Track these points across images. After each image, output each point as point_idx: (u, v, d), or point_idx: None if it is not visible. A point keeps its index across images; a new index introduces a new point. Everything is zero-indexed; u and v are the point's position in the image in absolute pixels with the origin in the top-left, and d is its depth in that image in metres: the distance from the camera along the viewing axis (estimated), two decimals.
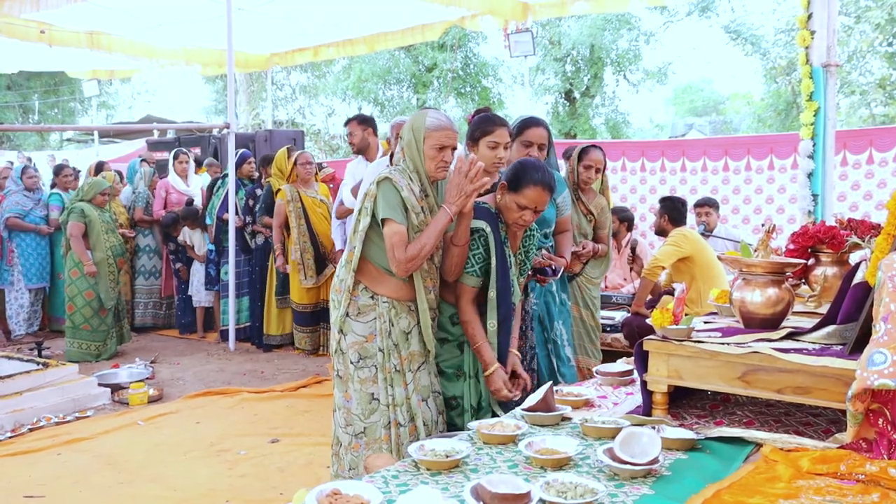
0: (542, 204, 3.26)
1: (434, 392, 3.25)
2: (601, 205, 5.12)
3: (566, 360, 4.47)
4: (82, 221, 7.25)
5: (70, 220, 7.27)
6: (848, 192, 7.99)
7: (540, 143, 4.07)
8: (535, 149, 4.04)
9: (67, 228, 7.28)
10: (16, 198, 8.25)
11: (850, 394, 2.11)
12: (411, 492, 1.93)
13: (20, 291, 8.26)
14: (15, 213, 8.15)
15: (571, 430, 2.56)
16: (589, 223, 5.05)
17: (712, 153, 9.04)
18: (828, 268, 3.41)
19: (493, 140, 3.56)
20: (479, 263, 3.22)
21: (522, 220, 3.29)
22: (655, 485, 2.09)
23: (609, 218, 5.21)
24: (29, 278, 8.19)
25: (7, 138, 24.98)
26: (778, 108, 20.22)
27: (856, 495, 1.93)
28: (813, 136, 5.54)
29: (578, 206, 5.00)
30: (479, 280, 3.24)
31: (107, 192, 7.53)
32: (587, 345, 5.03)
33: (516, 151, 4.02)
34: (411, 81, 21.97)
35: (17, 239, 8.22)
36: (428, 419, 3.17)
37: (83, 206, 7.28)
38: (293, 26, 9.83)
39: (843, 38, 17.46)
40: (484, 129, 3.60)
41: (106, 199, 7.51)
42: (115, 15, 9.05)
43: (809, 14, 5.49)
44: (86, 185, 7.52)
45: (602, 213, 5.11)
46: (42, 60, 11.65)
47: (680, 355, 2.61)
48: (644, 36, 21.07)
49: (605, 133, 21.35)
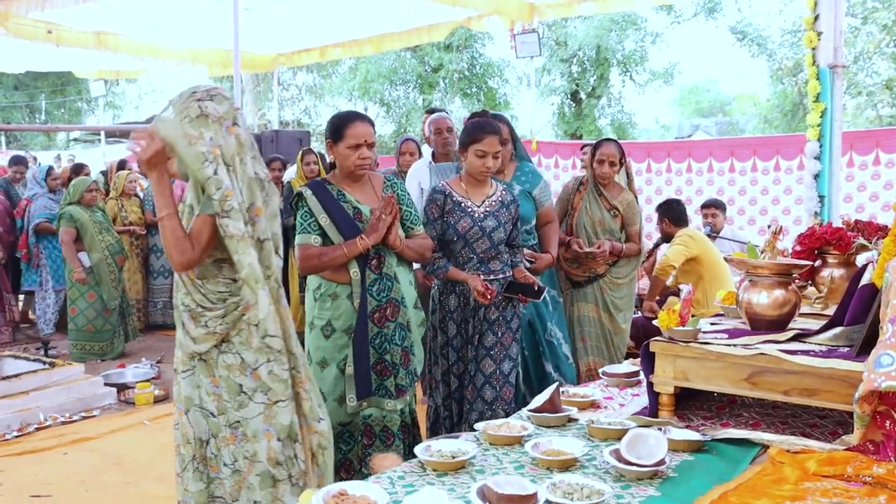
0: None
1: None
2: (627, 200, 4.91)
3: (565, 359, 4.46)
4: (73, 226, 7.18)
5: (61, 226, 7.22)
6: (854, 193, 7.97)
7: (503, 139, 4.07)
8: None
9: (59, 235, 7.26)
10: (42, 201, 8.21)
11: (857, 396, 2.10)
12: (417, 492, 1.93)
13: (48, 292, 8.29)
14: (44, 217, 8.11)
15: (578, 432, 2.56)
16: (614, 219, 4.86)
17: (718, 154, 9.03)
18: (835, 269, 3.40)
19: (481, 149, 3.63)
20: (306, 221, 3.31)
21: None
22: (662, 486, 2.09)
23: (638, 213, 4.97)
24: (57, 279, 8.20)
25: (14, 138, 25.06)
26: (784, 109, 20.20)
27: (863, 497, 1.93)
28: (819, 137, 5.54)
29: (601, 202, 4.87)
30: (314, 237, 3.30)
31: (93, 189, 7.46)
32: (603, 347, 4.87)
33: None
34: (417, 82, 21.99)
35: (44, 241, 8.23)
36: None
37: (72, 210, 7.21)
38: (299, 27, 9.84)
39: (850, 39, 17.42)
40: (474, 136, 3.66)
41: (94, 195, 7.43)
42: (121, 15, 9.07)
43: (816, 15, 5.48)
44: (71, 187, 7.49)
45: (629, 209, 4.89)
46: (49, 60, 11.69)
47: (686, 357, 2.61)
48: (650, 37, 21.07)
49: (611, 134, 21.27)
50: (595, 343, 4.86)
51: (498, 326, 3.76)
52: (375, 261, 3.31)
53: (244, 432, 2.71)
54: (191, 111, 2.59)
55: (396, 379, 3.34)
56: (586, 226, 4.86)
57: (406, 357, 3.39)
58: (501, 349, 3.75)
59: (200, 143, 2.56)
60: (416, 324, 3.47)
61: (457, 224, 3.70)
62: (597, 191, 4.88)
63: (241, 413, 2.71)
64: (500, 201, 3.79)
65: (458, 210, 3.71)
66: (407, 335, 3.40)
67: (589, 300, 4.85)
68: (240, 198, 2.61)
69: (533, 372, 4.43)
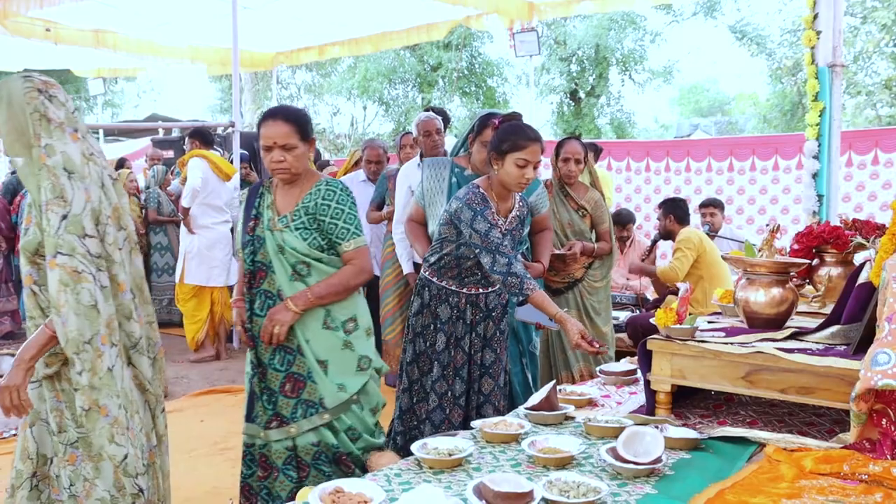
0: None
1: None
2: (594, 198, 4.76)
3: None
4: None
5: None
6: (853, 192, 7.98)
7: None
8: None
9: None
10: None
11: (854, 394, 2.11)
12: (414, 490, 1.93)
13: None
14: None
15: (574, 430, 2.57)
16: (582, 219, 4.73)
17: (717, 153, 9.04)
18: (832, 268, 3.41)
19: (524, 157, 3.22)
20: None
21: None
22: (658, 484, 2.09)
23: (606, 211, 4.81)
24: None
25: None
26: (783, 108, 20.21)
27: (859, 495, 1.93)
28: (818, 136, 5.53)
29: (568, 203, 4.73)
30: None
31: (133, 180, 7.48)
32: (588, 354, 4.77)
33: (478, 151, 3.86)
34: (416, 81, 21.97)
35: None
36: None
37: None
38: (298, 25, 9.83)
39: (849, 38, 17.43)
40: (515, 142, 3.23)
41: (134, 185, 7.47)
42: (120, 13, 9.06)
43: (815, 14, 5.48)
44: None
45: (597, 208, 4.74)
46: (48, 58, 11.66)
47: (683, 355, 2.61)
48: (649, 36, 21.04)
49: (610, 133, 21.32)
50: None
51: (496, 342, 3.52)
52: (259, 274, 2.95)
53: (85, 453, 2.47)
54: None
55: (276, 407, 2.92)
56: (555, 229, 4.66)
57: (295, 385, 2.91)
58: (499, 365, 3.53)
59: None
60: (328, 347, 2.91)
61: None
62: (563, 192, 4.75)
63: (81, 432, 2.46)
64: (519, 216, 3.46)
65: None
66: (297, 360, 2.90)
67: (571, 306, 4.66)
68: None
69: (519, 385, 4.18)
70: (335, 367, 2.90)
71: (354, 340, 2.94)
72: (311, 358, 2.88)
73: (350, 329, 2.95)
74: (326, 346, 2.90)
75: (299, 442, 2.90)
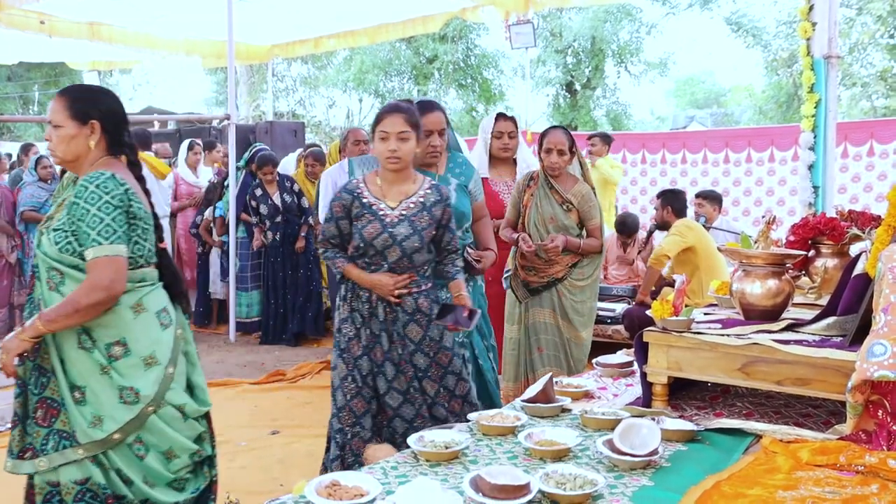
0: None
1: None
2: (582, 192, 4.41)
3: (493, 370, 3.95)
4: None
5: None
6: (848, 183, 7.99)
7: (439, 130, 3.60)
8: (435, 136, 3.58)
9: None
10: (31, 189, 8.16)
11: (850, 385, 2.11)
12: (410, 483, 1.93)
13: None
14: (30, 205, 8.07)
15: (571, 422, 2.57)
16: (567, 213, 4.40)
17: (713, 145, 9.04)
18: (828, 259, 3.41)
19: (383, 130, 3.08)
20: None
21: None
22: (655, 476, 2.10)
23: (596, 206, 4.46)
24: None
25: (7, 129, 24.96)
26: (779, 100, 20.24)
27: (855, 486, 1.93)
28: (814, 128, 5.53)
29: (553, 196, 4.41)
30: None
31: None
32: (561, 357, 4.41)
33: (415, 141, 3.52)
34: (412, 73, 21.95)
35: (33, 230, 8.20)
36: None
37: None
38: (294, 17, 9.80)
39: (845, 29, 17.43)
40: (377, 117, 3.15)
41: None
42: (115, 5, 9.02)
43: (811, 5, 5.47)
44: None
45: (584, 202, 4.40)
46: (42, 51, 11.61)
47: (680, 347, 2.61)
48: (645, 27, 21.05)
49: (606, 125, 21.30)
50: (553, 352, 4.41)
51: (429, 347, 3.15)
52: (32, 280, 2.51)
53: None
54: None
55: (29, 436, 2.44)
56: (536, 223, 4.42)
57: (48, 412, 2.40)
58: (438, 369, 3.17)
59: None
60: (83, 370, 2.39)
61: (363, 229, 3.08)
62: (548, 184, 4.42)
63: None
64: (422, 203, 3.13)
65: (366, 213, 3.10)
66: (51, 383, 2.41)
67: (545, 305, 4.42)
68: None
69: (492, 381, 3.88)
70: (93, 396, 2.38)
71: (119, 367, 2.39)
72: (62, 382, 2.38)
73: (116, 354, 2.39)
74: (82, 369, 2.39)
75: (62, 478, 2.38)
